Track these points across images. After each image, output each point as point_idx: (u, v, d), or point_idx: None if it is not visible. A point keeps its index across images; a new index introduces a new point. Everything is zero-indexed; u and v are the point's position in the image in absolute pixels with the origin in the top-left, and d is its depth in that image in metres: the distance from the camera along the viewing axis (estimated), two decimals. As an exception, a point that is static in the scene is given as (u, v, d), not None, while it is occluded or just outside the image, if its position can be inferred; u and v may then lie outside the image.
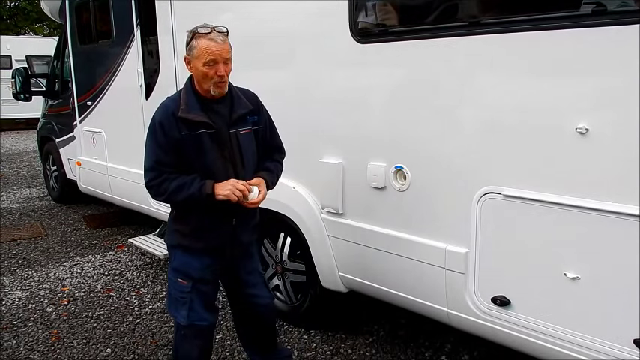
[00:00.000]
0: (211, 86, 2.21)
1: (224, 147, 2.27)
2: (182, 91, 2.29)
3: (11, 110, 14.77)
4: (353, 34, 2.64)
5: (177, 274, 2.39)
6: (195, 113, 2.21)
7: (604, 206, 1.89)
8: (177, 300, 2.38)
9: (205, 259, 2.37)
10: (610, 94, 1.87)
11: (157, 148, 2.23)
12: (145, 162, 2.27)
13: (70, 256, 4.99)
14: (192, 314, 2.36)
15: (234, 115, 2.30)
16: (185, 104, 2.22)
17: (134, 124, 4.55)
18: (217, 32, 2.18)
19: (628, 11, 1.81)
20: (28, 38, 19.05)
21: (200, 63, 2.17)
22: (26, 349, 3.29)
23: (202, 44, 2.16)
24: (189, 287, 2.35)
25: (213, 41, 2.16)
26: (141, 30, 4.40)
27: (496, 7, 2.28)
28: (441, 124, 2.38)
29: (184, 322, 2.37)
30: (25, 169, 9.83)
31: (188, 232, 2.35)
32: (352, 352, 3.14)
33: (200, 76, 2.21)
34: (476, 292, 2.33)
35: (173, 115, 2.21)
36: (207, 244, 2.34)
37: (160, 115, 2.25)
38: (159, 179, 2.23)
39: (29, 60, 8.30)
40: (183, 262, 2.38)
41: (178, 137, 2.20)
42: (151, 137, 2.25)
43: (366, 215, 2.78)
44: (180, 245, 2.38)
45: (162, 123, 2.22)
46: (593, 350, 1.98)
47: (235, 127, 2.30)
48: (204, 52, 2.16)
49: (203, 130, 2.22)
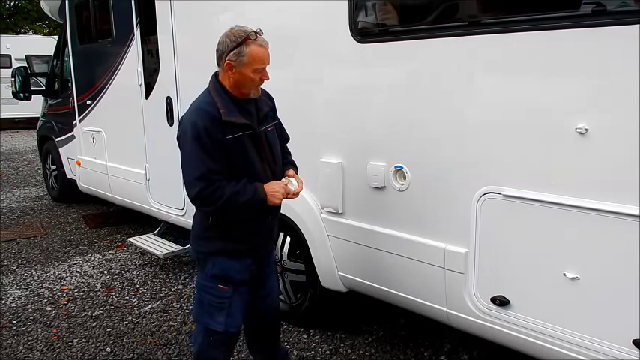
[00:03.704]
0: (252, 89, 2.21)
1: (260, 146, 2.25)
2: (211, 93, 2.21)
3: (11, 109, 14.76)
4: (353, 34, 2.64)
5: (216, 281, 2.29)
6: (236, 116, 2.16)
7: (604, 206, 1.89)
8: (213, 306, 2.30)
9: (247, 260, 2.32)
10: (610, 94, 1.87)
11: (205, 155, 2.11)
12: (190, 171, 2.14)
13: (70, 255, 4.99)
14: (229, 320, 2.30)
15: (261, 113, 2.30)
16: (225, 107, 2.15)
17: (134, 124, 4.54)
18: (262, 37, 2.16)
19: (628, 11, 1.81)
20: (27, 37, 19.05)
21: (250, 69, 2.14)
22: (26, 349, 3.29)
23: (254, 51, 2.12)
24: (230, 292, 2.29)
25: (262, 47, 2.14)
26: (141, 29, 4.40)
27: (496, 7, 2.28)
28: (440, 124, 2.38)
29: (220, 329, 2.30)
30: (24, 168, 9.82)
31: (229, 236, 2.27)
32: (352, 352, 3.14)
33: (245, 80, 2.17)
34: (475, 292, 2.33)
35: (216, 119, 2.12)
36: (250, 244, 2.30)
37: (202, 121, 2.12)
38: (211, 188, 2.10)
39: (29, 59, 8.32)
40: (225, 267, 2.29)
41: (223, 141, 2.13)
42: (195, 144, 2.11)
43: (365, 215, 2.78)
44: (223, 250, 2.29)
45: (207, 128, 2.10)
46: (593, 350, 1.98)
47: (263, 125, 2.29)
48: (257, 59, 2.13)
49: (242, 131, 2.18)
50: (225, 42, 2.17)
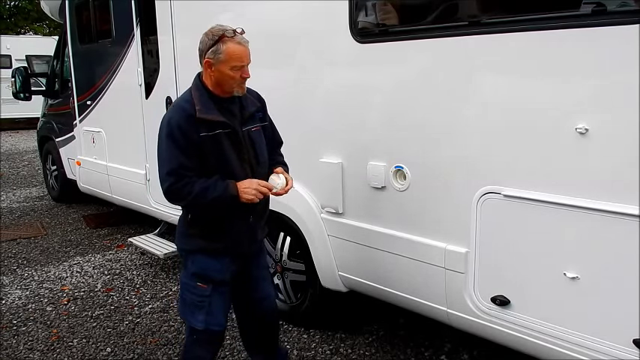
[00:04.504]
0: (235, 87, 2.20)
1: (239, 146, 2.25)
2: (192, 91, 2.23)
3: (11, 109, 14.75)
4: (353, 34, 2.64)
5: (196, 279, 2.31)
6: (212, 113, 2.17)
7: (604, 206, 1.89)
8: (194, 305, 2.32)
9: (225, 259, 2.33)
10: (610, 94, 1.87)
11: (178, 151, 2.14)
12: (163, 167, 2.18)
13: (70, 255, 4.99)
14: (209, 319, 2.31)
15: (246, 112, 2.30)
16: (201, 105, 2.17)
17: (134, 124, 4.54)
18: (241, 35, 2.17)
19: (628, 11, 1.81)
20: (27, 38, 19.04)
21: (227, 67, 2.14)
22: (26, 349, 3.29)
23: (231, 49, 2.13)
24: (209, 291, 2.30)
25: (240, 45, 2.15)
26: (141, 29, 4.40)
27: (496, 7, 2.28)
28: (441, 123, 2.38)
29: (200, 327, 2.31)
30: (24, 168, 9.82)
31: (208, 234, 2.29)
32: (352, 352, 3.14)
33: (224, 78, 2.17)
34: (475, 292, 2.33)
35: (191, 117, 2.14)
36: (228, 243, 2.31)
37: (177, 118, 2.16)
38: (180, 183, 2.14)
39: (29, 59, 8.31)
40: (204, 266, 2.31)
41: (197, 139, 2.15)
42: (168, 141, 2.16)
43: (365, 215, 2.78)
44: (201, 249, 2.31)
45: (181, 125, 2.14)
46: (593, 350, 1.98)
47: (247, 125, 2.30)
48: (233, 56, 2.13)
49: (220, 129, 2.19)
50: (204, 40, 2.19)
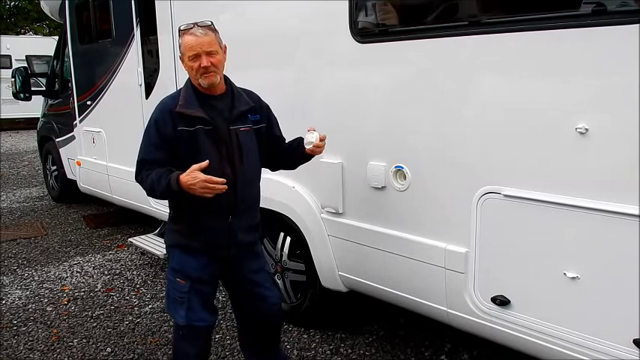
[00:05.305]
0: (199, 78, 2.25)
1: (221, 144, 2.27)
2: (182, 88, 2.34)
3: (11, 110, 14.77)
4: (353, 34, 2.64)
5: (175, 274, 2.38)
6: (192, 108, 2.24)
7: (604, 206, 1.89)
8: (176, 300, 2.38)
9: (203, 258, 2.36)
10: (610, 94, 1.87)
11: (149, 144, 2.28)
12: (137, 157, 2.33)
13: (70, 255, 4.99)
14: (190, 314, 2.36)
15: (235, 111, 2.32)
16: (184, 100, 2.26)
17: (134, 124, 4.53)
18: (198, 27, 2.23)
19: (628, 11, 1.81)
20: (27, 38, 19.04)
21: (186, 59, 2.25)
22: (26, 349, 3.29)
23: (185, 40, 2.24)
24: (187, 287, 2.35)
25: (193, 35, 2.22)
26: (141, 29, 4.40)
27: (496, 6, 2.28)
28: (441, 123, 2.37)
29: (183, 323, 2.37)
30: (24, 168, 9.83)
31: (185, 231, 2.36)
32: (352, 352, 3.14)
33: (188, 71, 2.27)
34: (475, 292, 2.33)
35: (170, 112, 2.25)
36: (204, 243, 2.34)
37: (156, 112, 2.29)
38: (141, 175, 2.29)
39: (29, 59, 8.32)
40: (182, 262, 2.37)
41: (173, 133, 2.23)
42: (145, 134, 2.31)
43: (365, 215, 2.78)
44: (179, 245, 2.38)
45: (157, 120, 2.27)
46: (593, 350, 1.98)
47: (235, 124, 2.31)
48: (186, 47, 2.24)
49: (200, 125, 2.24)
50: None
